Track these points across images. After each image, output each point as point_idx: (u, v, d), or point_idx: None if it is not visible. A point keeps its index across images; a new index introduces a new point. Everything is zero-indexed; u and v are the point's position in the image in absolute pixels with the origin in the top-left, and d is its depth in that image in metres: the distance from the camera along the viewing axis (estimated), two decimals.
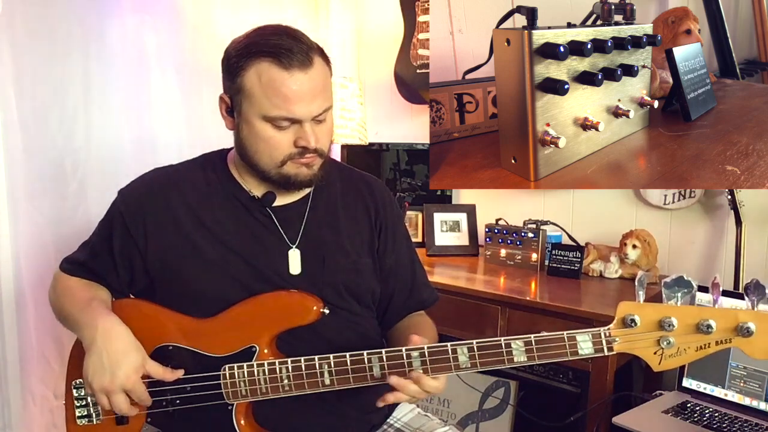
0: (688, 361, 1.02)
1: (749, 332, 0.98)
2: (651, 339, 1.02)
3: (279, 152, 1.16)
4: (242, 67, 1.13)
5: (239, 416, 1.16)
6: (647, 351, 1.02)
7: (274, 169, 1.18)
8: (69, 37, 1.89)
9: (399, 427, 1.33)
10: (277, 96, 1.11)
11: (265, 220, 1.23)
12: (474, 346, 1.07)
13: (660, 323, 1.01)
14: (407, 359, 1.09)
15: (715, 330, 0.99)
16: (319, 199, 1.28)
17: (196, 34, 2.22)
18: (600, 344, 1.04)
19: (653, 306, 1.02)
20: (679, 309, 1.01)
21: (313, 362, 1.12)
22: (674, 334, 1.01)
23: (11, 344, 1.82)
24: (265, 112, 1.12)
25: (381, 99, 2.75)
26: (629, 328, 1.02)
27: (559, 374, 1.98)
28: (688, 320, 1.00)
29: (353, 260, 1.27)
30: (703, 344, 1.00)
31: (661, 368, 1.03)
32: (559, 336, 1.05)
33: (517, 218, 2.28)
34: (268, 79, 1.11)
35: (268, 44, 1.12)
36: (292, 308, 1.17)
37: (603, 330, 1.04)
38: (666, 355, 1.01)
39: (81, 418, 1.21)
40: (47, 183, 1.88)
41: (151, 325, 1.21)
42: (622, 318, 1.03)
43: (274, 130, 1.14)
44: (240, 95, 1.14)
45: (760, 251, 1.98)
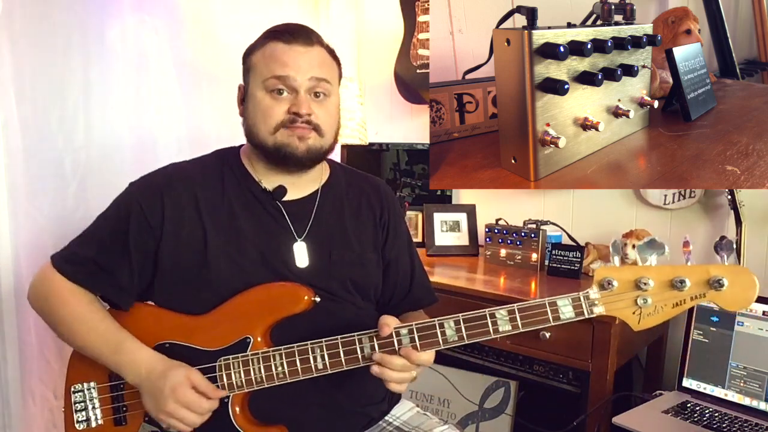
0: (665, 318, 1.06)
1: (721, 285, 1.03)
2: (629, 299, 1.07)
3: (273, 119, 1.21)
4: (252, 50, 1.26)
5: (235, 408, 1.17)
6: (626, 311, 1.07)
7: (269, 138, 1.22)
8: (69, 36, 1.89)
9: (398, 426, 1.34)
10: (275, 62, 1.21)
11: (275, 213, 1.26)
12: (460, 319, 1.12)
13: (636, 283, 1.06)
14: (396, 337, 1.12)
15: (689, 286, 1.04)
16: (326, 197, 1.32)
17: (196, 34, 2.22)
18: (580, 308, 1.09)
19: (629, 268, 1.08)
20: (653, 269, 1.06)
21: (305, 347, 1.15)
22: (650, 293, 1.05)
23: (11, 344, 1.82)
24: (263, 77, 1.21)
25: (381, 99, 2.75)
26: (607, 291, 1.07)
27: (559, 374, 1.98)
28: (663, 278, 1.05)
29: (359, 255, 1.30)
30: (679, 300, 1.05)
31: (640, 327, 1.07)
32: (540, 303, 1.09)
33: (517, 218, 2.28)
34: (270, 51, 1.23)
35: (277, 28, 1.25)
36: (284, 298, 1.19)
37: (582, 294, 1.08)
38: (644, 314, 1.06)
39: (80, 422, 1.22)
40: (47, 183, 1.88)
41: (148, 325, 1.22)
42: (600, 281, 1.08)
43: (271, 98, 1.21)
44: (248, 74, 1.25)
45: (760, 251, 1.98)
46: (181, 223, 1.22)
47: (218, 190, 1.26)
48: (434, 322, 1.12)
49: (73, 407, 1.23)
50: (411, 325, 1.13)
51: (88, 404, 1.23)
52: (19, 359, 1.84)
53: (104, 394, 1.23)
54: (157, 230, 1.22)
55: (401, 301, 1.38)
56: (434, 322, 1.12)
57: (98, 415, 1.22)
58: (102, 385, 1.23)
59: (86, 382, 1.24)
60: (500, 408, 2.18)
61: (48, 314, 1.25)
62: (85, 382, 1.24)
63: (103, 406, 1.23)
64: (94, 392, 1.23)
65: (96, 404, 1.23)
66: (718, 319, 1.69)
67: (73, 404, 1.23)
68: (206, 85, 2.21)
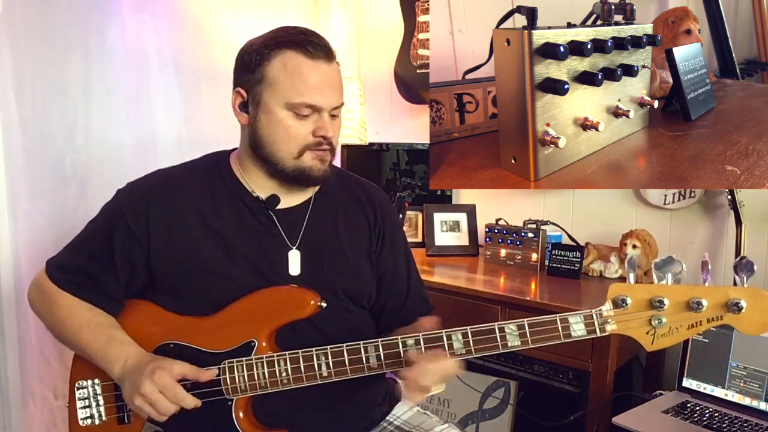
0: (680, 339, 1.03)
1: (739, 308, 0.99)
2: (643, 319, 1.03)
3: (298, 142, 1.18)
4: (265, 57, 1.16)
5: (238, 411, 1.17)
6: (639, 331, 1.03)
7: (290, 161, 1.19)
8: (69, 37, 1.89)
9: (398, 425, 1.34)
10: (303, 83, 1.14)
11: (267, 222, 1.24)
12: (468, 332, 1.10)
13: (651, 303, 1.02)
14: (403, 347, 1.11)
15: (706, 307, 1.00)
16: (319, 204, 1.29)
17: (196, 34, 2.22)
18: (592, 326, 1.06)
19: (644, 286, 1.03)
20: (669, 288, 1.02)
21: (310, 354, 1.13)
22: (665, 313, 1.02)
23: (11, 344, 1.82)
24: (289, 99, 1.15)
25: (381, 99, 2.75)
26: (620, 309, 1.03)
27: (559, 374, 1.98)
28: (679, 298, 1.01)
29: (352, 264, 1.28)
30: (695, 322, 1.01)
31: (654, 348, 1.03)
32: (551, 319, 1.07)
33: (517, 218, 2.28)
34: (294, 66, 1.15)
35: (293, 37, 1.16)
36: (290, 302, 1.18)
37: (594, 311, 1.05)
38: (658, 334, 1.02)
39: (84, 419, 1.22)
40: (47, 183, 1.88)
41: (151, 325, 1.22)
42: (613, 299, 1.04)
43: (295, 118, 1.17)
44: (261, 85, 1.17)
45: (760, 251, 1.98)
46: (168, 231, 1.21)
47: (207, 197, 1.24)
48: (441, 334, 1.11)
49: (77, 404, 1.23)
50: (418, 336, 1.11)
51: (92, 401, 1.22)
52: (19, 359, 1.84)
53: (108, 392, 1.23)
54: (143, 239, 1.20)
55: (397, 312, 1.35)
56: (441, 333, 1.11)
57: (102, 412, 1.22)
58: (106, 382, 1.23)
59: (90, 379, 1.24)
60: (500, 408, 2.18)
61: (45, 317, 1.27)
62: (90, 379, 1.24)
63: (107, 404, 1.23)
64: (98, 389, 1.23)
65: (100, 401, 1.23)
66: None
67: (77, 401, 1.23)
68: (206, 85, 2.21)
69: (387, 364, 1.12)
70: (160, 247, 1.21)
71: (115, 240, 1.21)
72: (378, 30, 2.77)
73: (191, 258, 1.20)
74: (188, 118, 2.20)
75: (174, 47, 2.15)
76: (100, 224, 1.25)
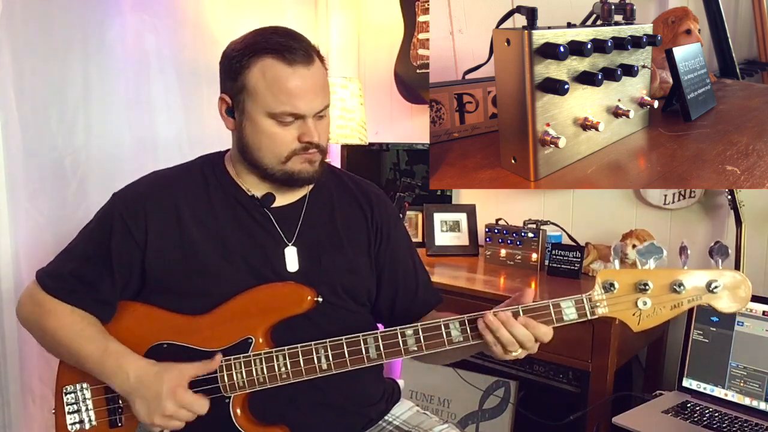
0: (663, 319, 1.10)
1: (716, 289, 1.08)
2: (629, 301, 1.10)
3: (283, 148, 1.17)
4: (245, 66, 1.15)
5: (236, 408, 1.16)
6: (626, 313, 1.10)
7: (278, 166, 1.19)
8: (69, 36, 1.89)
9: (398, 425, 1.34)
10: (282, 92, 1.13)
11: (263, 220, 1.24)
12: (465, 320, 1.12)
13: (636, 286, 1.09)
14: (402, 338, 1.12)
15: (687, 289, 1.08)
16: (315, 201, 1.30)
17: (196, 34, 2.22)
18: (583, 309, 1.11)
19: (630, 271, 1.10)
20: (653, 272, 1.09)
21: (309, 347, 1.14)
22: (650, 295, 1.09)
23: (11, 343, 1.82)
24: (270, 109, 1.14)
25: (381, 99, 2.75)
26: (609, 292, 1.10)
27: (559, 374, 1.98)
28: (662, 281, 1.09)
29: (349, 259, 1.28)
30: (677, 303, 1.09)
31: (639, 328, 1.10)
32: (544, 304, 1.11)
33: (517, 218, 2.28)
34: (273, 76, 1.13)
35: (270, 42, 1.14)
36: (286, 298, 1.19)
37: (585, 296, 1.11)
38: (644, 315, 1.10)
39: (73, 425, 1.21)
40: (47, 183, 1.88)
41: (144, 325, 1.21)
42: (602, 283, 1.10)
43: (278, 126, 1.16)
44: (243, 93, 1.16)
45: (760, 251, 1.98)
46: (165, 232, 1.21)
47: (203, 198, 1.24)
48: (439, 323, 1.12)
49: (66, 409, 1.21)
50: (416, 326, 1.12)
51: (81, 405, 1.21)
52: (19, 358, 1.84)
53: (98, 396, 1.21)
54: (141, 241, 1.20)
55: (409, 305, 1.35)
56: (439, 322, 1.12)
57: (92, 416, 1.21)
58: (96, 386, 1.21)
59: (78, 383, 1.22)
60: (500, 408, 2.18)
61: (36, 330, 1.25)
62: (77, 383, 1.22)
63: (97, 408, 1.21)
64: (87, 393, 1.21)
65: (89, 405, 1.21)
66: (718, 319, 1.69)
67: (66, 406, 1.21)
68: (206, 85, 2.21)
69: (386, 354, 1.13)
70: (157, 248, 1.21)
71: (113, 242, 1.21)
72: (378, 30, 2.77)
73: (188, 257, 1.20)
74: (188, 118, 2.20)
75: (174, 47, 2.15)
76: (96, 229, 1.24)
